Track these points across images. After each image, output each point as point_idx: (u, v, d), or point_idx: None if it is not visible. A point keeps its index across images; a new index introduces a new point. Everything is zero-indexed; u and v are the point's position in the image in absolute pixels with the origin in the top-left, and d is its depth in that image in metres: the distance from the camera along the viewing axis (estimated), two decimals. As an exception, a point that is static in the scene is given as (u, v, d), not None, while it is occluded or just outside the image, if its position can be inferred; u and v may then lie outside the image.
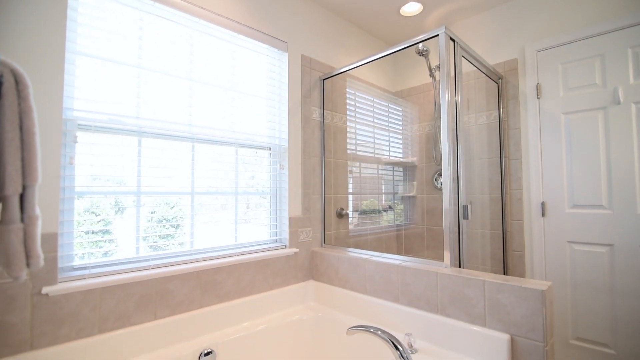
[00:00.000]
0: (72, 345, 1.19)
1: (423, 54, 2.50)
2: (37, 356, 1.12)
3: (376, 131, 2.64)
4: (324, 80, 2.17)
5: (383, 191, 2.73)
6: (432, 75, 2.57)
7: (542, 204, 2.12)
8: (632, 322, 1.81)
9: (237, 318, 1.64)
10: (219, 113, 1.70)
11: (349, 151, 2.36)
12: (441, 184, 2.60)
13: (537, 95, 2.15)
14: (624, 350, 1.83)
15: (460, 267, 1.48)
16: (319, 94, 2.16)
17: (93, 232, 1.36)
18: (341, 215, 2.24)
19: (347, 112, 2.36)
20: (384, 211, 2.74)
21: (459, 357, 1.29)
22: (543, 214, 2.12)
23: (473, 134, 2.41)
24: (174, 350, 1.39)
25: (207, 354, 1.43)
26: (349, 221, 2.33)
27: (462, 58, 1.70)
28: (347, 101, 2.37)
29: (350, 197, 2.37)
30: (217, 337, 1.51)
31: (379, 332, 1.25)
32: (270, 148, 1.95)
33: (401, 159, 2.87)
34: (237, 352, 1.53)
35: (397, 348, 1.21)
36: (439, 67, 1.56)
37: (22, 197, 0.62)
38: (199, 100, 1.63)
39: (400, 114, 2.92)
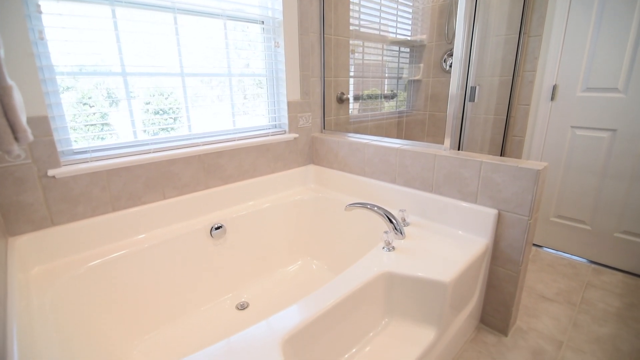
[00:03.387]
0: (91, 221, 1.29)
1: None
2: (60, 230, 1.23)
3: (383, 2, 2.32)
4: None
5: (387, 75, 2.57)
6: None
7: (554, 87, 2.01)
8: (614, 201, 1.93)
9: (242, 198, 1.74)
10: (200, -24, 1.45)
11: (351, 27, 2.12)
12: (450, 66, 2.43)
13: (578, -48, 1.80)
14: (599, 226, 2.00)
15: (459, 150, 1.49)
16: (318, -48, 1.81)
17: (91, 125, 1.32)
18: (342, 100, 2.15)
19: (351, -23, 2.02)
20: (386, 98, 2.63)
21: (447, 229, 1.42)
22: (552, 98, 2.03)
23: (493, 5, 2.11)
24: (186, 225, 1.52)
25: (218, 228, 1.57)
26: (350, 107, 2.25)
27: None
28: (351, -38, 2.00)
29: (351, 80, 2.23)
30: (225, 214, 1.63)
31: (375, 208, 1.34)
32: (262, 22, 1.73)
33: (409, 38, 2.61)
34: (244, 226, 1.68)
35: (391, 221, 1.31)
36: None
37: (-12, 68, 0.56)
38: (174, -41, 1.37)
39: (413, -20, 2.51)
